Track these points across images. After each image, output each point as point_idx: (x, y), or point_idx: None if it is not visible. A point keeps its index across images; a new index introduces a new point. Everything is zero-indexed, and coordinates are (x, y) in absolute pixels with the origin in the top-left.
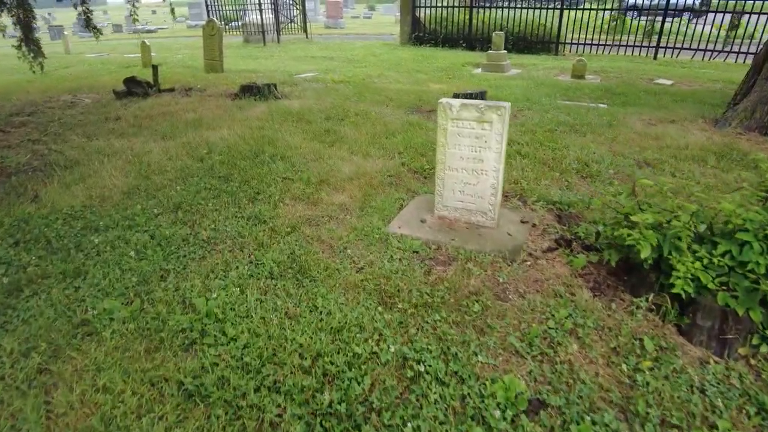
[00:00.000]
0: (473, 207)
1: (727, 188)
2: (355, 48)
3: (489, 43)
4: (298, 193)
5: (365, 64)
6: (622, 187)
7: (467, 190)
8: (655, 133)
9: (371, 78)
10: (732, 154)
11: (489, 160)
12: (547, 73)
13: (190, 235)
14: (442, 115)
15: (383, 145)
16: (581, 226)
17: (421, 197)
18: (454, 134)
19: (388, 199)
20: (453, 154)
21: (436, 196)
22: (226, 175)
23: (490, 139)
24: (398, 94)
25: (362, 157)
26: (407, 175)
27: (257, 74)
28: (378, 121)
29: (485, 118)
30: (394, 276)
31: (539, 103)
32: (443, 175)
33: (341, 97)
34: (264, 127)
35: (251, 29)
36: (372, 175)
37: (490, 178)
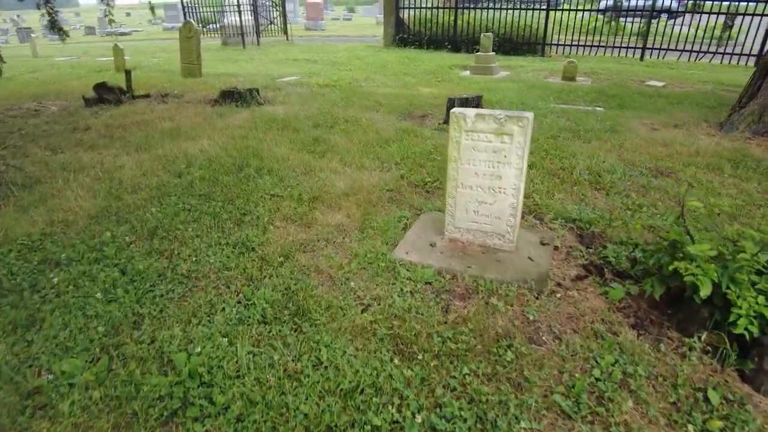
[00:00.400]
0: (489, 229)
1: (751, 200)
2: (338, 50)
3: (474, 44)
4: (290, 213)
5: (350, 66)
6: (667, 209)
7: (483, 209)
8: (662, 138)
9: (358, 82)
10: (746, 161)
11: (508, 177)
12: (537, 75)
13: (167, 268)
14: (455, 126)
15: (378, 155)
16: (608, 248)
17: (427, 216)
18: (468, 148)
19: (390, 218)
20: (467, 170)
21: (447, 216)
22: (208, 194)
23: (510, 154)
24: (388, 99)
25: (356, 169)
26: (408, 190)
27: (238, 78)
28: (370, 129)
29: (505, 130)
30: (407, 315)
31: (535, 107)
32: (455, 193)
33: (328, 102)
34: (247, 137)
35: (230, 31)
36: (369, 190)
37: (509, 197)
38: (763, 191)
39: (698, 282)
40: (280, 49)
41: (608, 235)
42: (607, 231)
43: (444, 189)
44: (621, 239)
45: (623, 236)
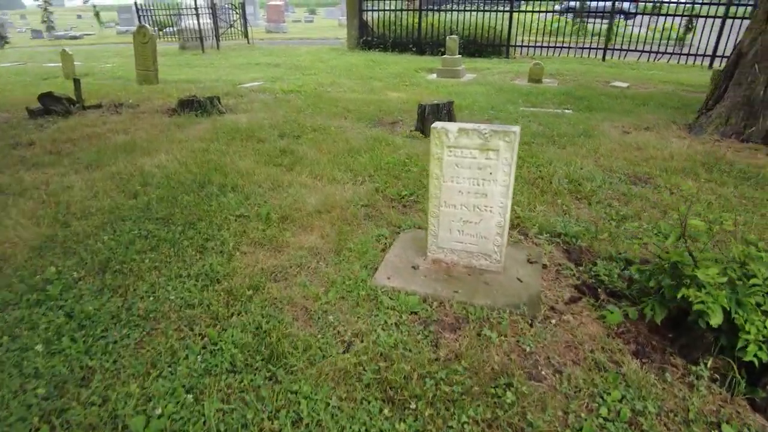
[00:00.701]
0: (475, 249)
1: (730, 205)
2: (301, 54)
3: (439, 47)
4: (258, 236)
5: (314, 71)
6: (652, 219)
7: (468, 229)
8: (635, 142)
9: (323, 87)
10: (719, 165)
11: (494, 195)
12: (503, 77)
13: (121, 308)
14: (437, 142)
15: (349, 166)
16: (598, 264)
17: (407, 234)
18: (451, 165)
19: (367, 237)
20: (450, 188)
21: (430, 236)
22: (167, 217)
23: (496, 171)
24: (356, 105)
25: (328, 183)
26: (384, 205)
27: (197, 85)
28: (339, 138)
29: (490, 145)
30: (394, 353)
31: (505, 111)
32: (438, 212)
33: (294, 109)
34: (209, 150)
35: (188, 35)
36: (343, 206)
37: (495, 216)
38: (740, 196)
39: (709, 311)
40: (241, 53)
41: (596, 250)
42: (594, 245)
43: (423, 203)
44: (610, 254)
45: (611, 250)
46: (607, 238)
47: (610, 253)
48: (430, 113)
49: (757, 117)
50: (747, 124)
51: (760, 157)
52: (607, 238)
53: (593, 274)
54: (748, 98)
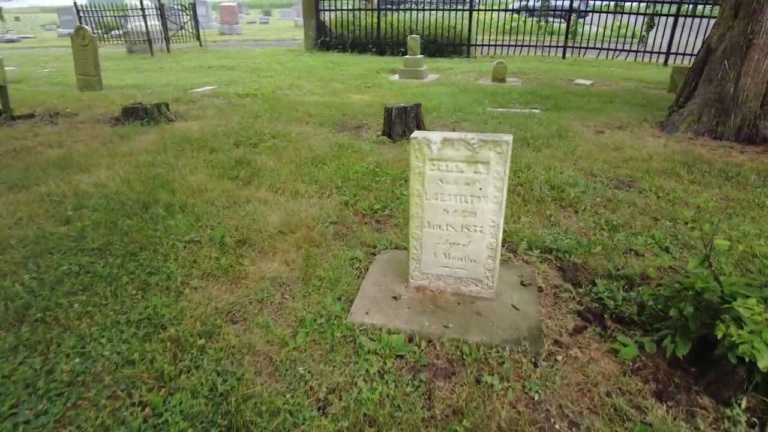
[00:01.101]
0: (464, 273)
1: (717, 208)
2: (256, 55)
3: (399, 46)
4: (211, 266)
5: (272, 73)
6: (644, 227)
7: (455, 252)
8: (611, 142)
9: (282, 90)
10: (698, 165)
11: (485, 213)
12: (466, 77)
13: (40, 372)
14: (417, 155)
15: (314, 177)
16: (598, 284)
17: (384, 256)
18: (434, 180)
19: (339, 261)
20: (434, 206)
21: (412, 260)
22: (104, 246)
23: (487, 186)
24: (317, 108)
25: (291, 198)
26: (355, 221)
27: (145, 91)
28: (301, 145)
29: (479, 157)
30: (381, 414)
31: (473, 112)
32: (420, 233)
33: (250, 114)
34: (156, 163)
35: (135, 38)
36: (309, 225)
37: (486, 237)
38: (725, 198)
39: (755, 352)
40: (192, 56)
41: (591, 266)
42: (589, 260)
43: (397, 218)
44: (608, 270)
45: (608, 265)
46: (600, 252)
47: (608, 270)
48: (396, 117)
49: (729, 114)
50: (719, 122)
51: (735, 155)
52: (600, 252)
53: (594, 296)
54: (719, 95)
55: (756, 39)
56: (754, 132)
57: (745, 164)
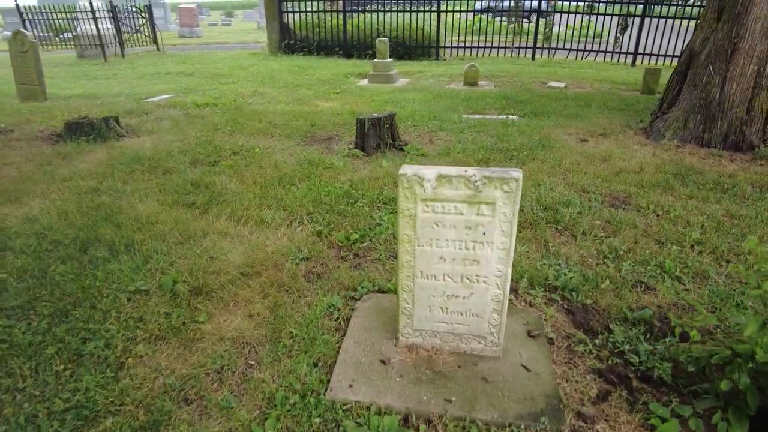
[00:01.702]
0: (464, 330)
1: (724, 229)
2: (218, 60)
3: (367, 49)
4: (160, 325)
5: (233, 79)
6: (652, 254)
7: (454, 306)
8: (598, 153)
9: (244, 97)
10: (690, 176)
11: (489, 262)
12: (438, 81)
13: None
14: (407, 194)
15: (282, 201)
16: (615, 332)
17: (366, 303)
18: (428, 224)
19: (314, 312)
20: (428, 253)
21: (402, 315)
22: (27, 303)
23: (492, 231)
24: (283, 118)
25: (255, 228)
26: (330, 255)
27: (94, 101)
28: (266, 162)
29: (482, 197)
30: None
31: (449, 120)
32: (412, 285)
33: (210, 127)
34: (100, 189)
35: (86, 42)
36: (277, 263)
37: (491, 288)
38: (727, 214)
39: None
40: (149, 61)
41: (602, 306)
42: (599, 298)
43: (379, 250)
44: (623, 313)
45: (621, 305)
46: (609, 287)
47: (621, 312)
48: (370, 128)
49: (715, 120)
50: (705, 128)
51: (725, 164)
52: (609, 287)
53: (613, 347)
54: (705, 100)
55: (741, 43)
56: (740, 138)
57: (738, 174)
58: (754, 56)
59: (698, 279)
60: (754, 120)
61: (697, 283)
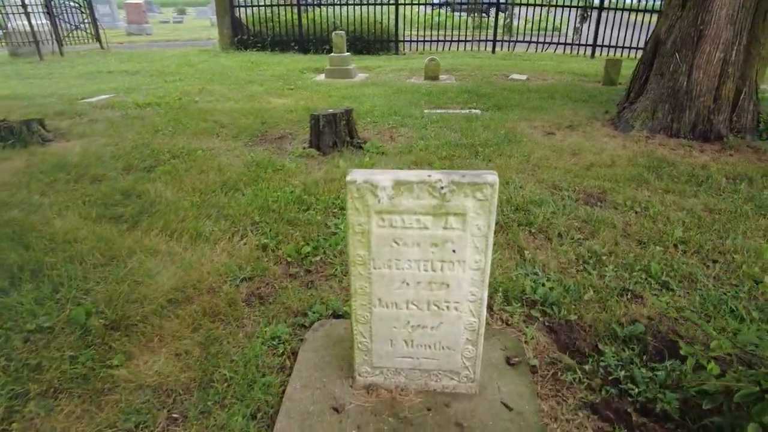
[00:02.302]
0: (433, 365)
1: (705, 225)
2: (165, 57)
3: (323, 44)
4: (62, 373)
5: (180, 76)
6: (637, 258)
7: (420, 338)
8: (567, 146)
9: (190, 96)
10: (663, 168)
11: (461, 285)
12: (398, 75)
13: None
14: (358, 206)
15: (224, 210)
16: (606, 354)
17: (318, 332)
18: (386, 242)
19: (253, 347)
20: (387, 277)
21: (358, 351)
22: None
23: (463, 247)
24: (231, 117)
25: (190, 244)
26: (277, 274)
27: (21, 102)
28: (209, 165)
29: (451, 207)
30: None
31: (410, 115)
32: (368, 316)
33: (149, 128)
34: (11, 203)
35: (18, 39)
36: (213, 286)
37: (463, 315)
38: (706, 209)
39: None
40: (91, 60)
41: (587, 321)
42: (583, 312)
43: (336, 265)
44: (611, 328)
45: (608, 319)
46: (593, 298)
47: (610, 327)
48: (325, 125)
49: (683, 110)
50: (673, 118)
51: (696, 155)
52: (593, 298)
53: (605, 372)
54: (672, 89)
55: (707, 30)
56: (708, 128)
57: (710, 166)
58: (720, 43)
59: (686, 283)
60: (721, 109)
61: (685, 288)
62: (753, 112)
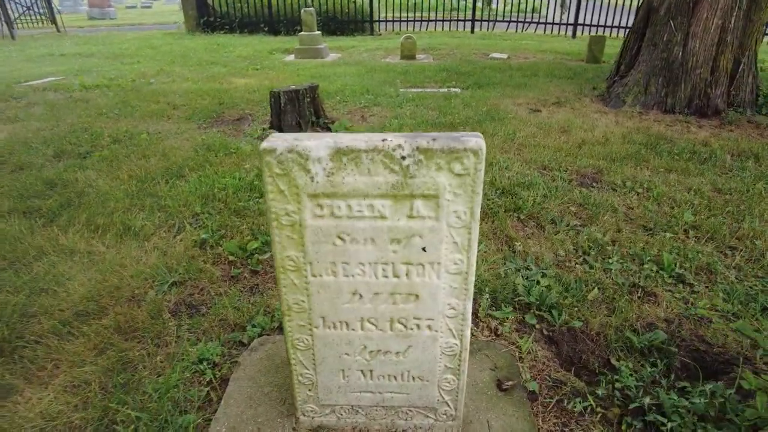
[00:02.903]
0: (402, 400)
1: (717, 207)
2: (126, 40)
3: (295, 25)
4: None
5: (139, 59)
6: (646, 246)
7: (382, 366)
8: (555, 123)
9: (146, 77)
10: (661, 145)
11: (435, 295)
12: (373, 55)
13: None
14: (282, 186)
15: (161, 201)
16: (622, 371)
17: (258, 353)
18: (326, 238)
19: (171, 374)
20: (332, 288)
21: (300, 386)
22: None
23: (437, 244)
24: (187, 98)
25: (116, 241)
26: (214, 276)
27: None
28: (153, 150)
29: (418, 186)
30: None
31: (384, 94)
32: (310, 340)
33: (93, 111)
34: None
35: None
36: (135, 293)
37: (440, 336)
38: (714, 189)
39: None
40: (44, 43)
41: (595, 329)
42: (590, 318)
43: None
44: (625, 337)
45: (619, 323)
46: (599, 298)
47: (624, 337)
48: (287, 103)
49: (678, 83)
50: (668, 92)
51: (695, 131)
52: (599, 298)
53: (623, 399)
54: (666, 61)
55: None
56: (705, 103)
57: (712, 142)
58: (718, 9)
59: (704, 275)
60: (719, 81)
61: (704, 282)
62: (752, 85)
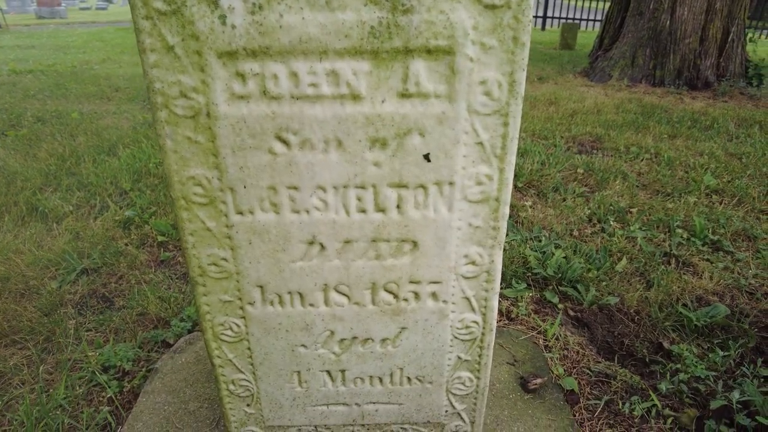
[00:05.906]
0: (391, 414)
1: (736, 169)
2: (75, 35)
3: None
4: None
5: (85, 50)
6: (667, 215)
7: (359, 363)
8: (542, 95)
9: (89, 64)
10: (657, 114)
11: (444, 241)
12: None
13: None
14: (171, 35)
15: (85, 178)
16: (687, 358)
17: (180, 356)
18: (255, 139)
19: (58, 389)
20: (270, 231)
21: (231, 398)
22: None
23: (447, 147)
24: (131, 81)
25: (14, 225)
26: (139, 261)
27: None
28: (83, 129)
29: (416, 29)
30: None
31: None
32: (239, 325)
33: (19, 94)
34: None
35: None
36: (31, 284)
37: (450, 311)
38: (728, 153)
39: None
40: None
41: (632, 306)
42: (624, 294)
43: None
44: (679, 314)
45: (663, 298)
46: (630, 269)
47: (675, 313)
48: None
49: (667, 54)
50: (656, 64)
51: (689, 102)
52: (630, 269)
53: (689, 390)
54: (654, 30)
55: None
56: (694, 74)
57: (710, 111)
58: None
59: (742, 241)
60: (708, 52)
61: (744, 249)
62: (741, 56)
